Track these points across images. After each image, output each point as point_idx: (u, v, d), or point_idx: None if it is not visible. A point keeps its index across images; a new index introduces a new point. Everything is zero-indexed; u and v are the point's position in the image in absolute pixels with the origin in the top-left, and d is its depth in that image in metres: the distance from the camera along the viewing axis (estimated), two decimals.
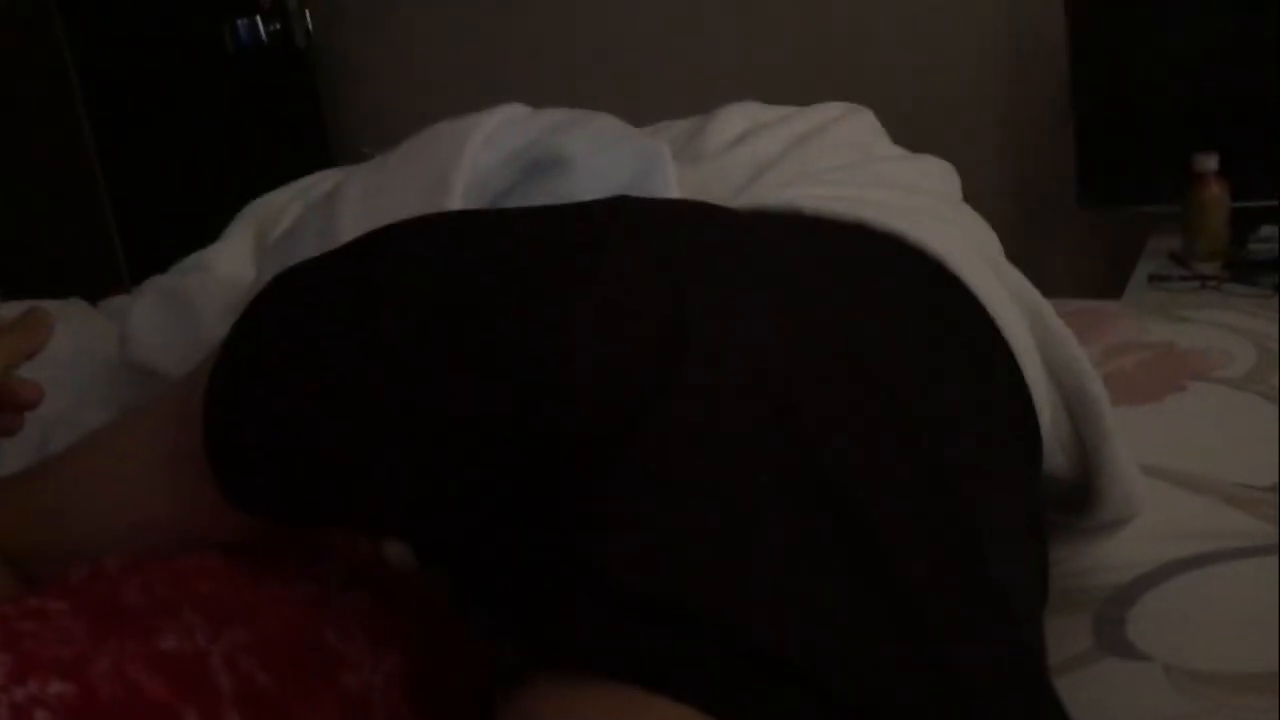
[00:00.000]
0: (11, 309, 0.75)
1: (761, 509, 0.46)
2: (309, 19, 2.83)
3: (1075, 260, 2.31)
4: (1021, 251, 0.77)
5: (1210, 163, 1.90)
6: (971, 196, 0.86)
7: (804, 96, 0.95)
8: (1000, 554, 0.53)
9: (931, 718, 0.44)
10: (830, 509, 0.46)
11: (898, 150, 0.87)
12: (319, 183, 0.96)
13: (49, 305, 1.06)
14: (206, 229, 1.03)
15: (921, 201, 0.75)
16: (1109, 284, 1.94)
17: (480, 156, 0.76)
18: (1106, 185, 2.11)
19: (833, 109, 0.88)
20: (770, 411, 0.48)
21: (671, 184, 0.76)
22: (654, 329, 0.48)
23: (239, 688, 0.48)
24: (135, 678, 0.46)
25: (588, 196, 0.57)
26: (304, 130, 2.81)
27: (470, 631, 0.62)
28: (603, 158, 0.76)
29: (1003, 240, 0.81)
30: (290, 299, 0.55)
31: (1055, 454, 0.70)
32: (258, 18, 2.75)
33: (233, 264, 0.88)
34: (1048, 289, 0.72)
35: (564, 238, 0.53)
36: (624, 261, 0.50)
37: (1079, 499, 0.73)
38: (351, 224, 0.75)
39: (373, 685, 0.53)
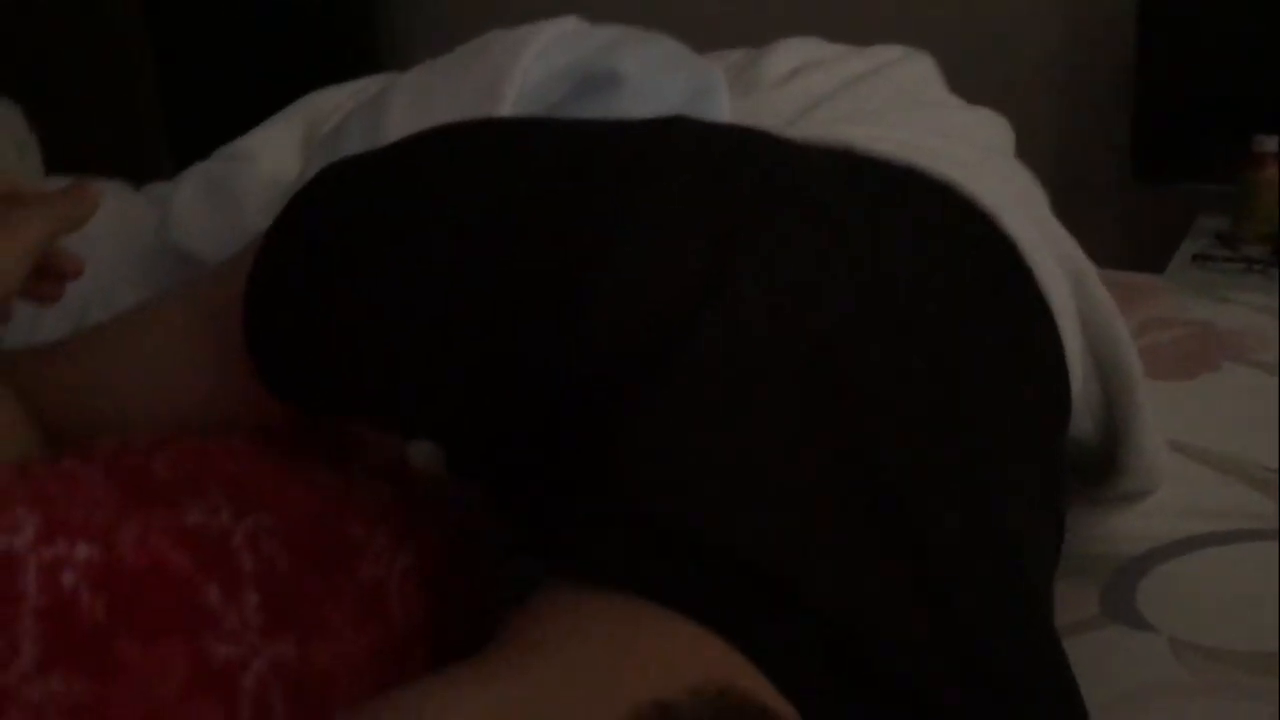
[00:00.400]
0: (58, 182, 0.75)
1: (782, 447, 0.46)
2: None
3: (1119, 232, 2.27)
4: (1066, 218, 0.76)
5: (1271, 144, 1.87)
6: (1022, 156, 0.85)
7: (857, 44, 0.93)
8: (1017, 507, 0.53)
9: (933, 650, 0.45)
10: (854, 454, 0.47)
11: (954, 99, 0.85)
12: (374, 85, 0.96)
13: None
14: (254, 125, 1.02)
15: (974, 153, 0.74)
16: (1151, 259, 1.92)
17: (533, 67, 0.75)
18: (1162, 159, 2.07)
19: (892, 51, 0.86)
20: (804, 352, 0.48)
21: (725, 111, 0.75)
22: (693, 263, 0.48)
23: (260, 568, 0.49)
24: (159, 548, 0.47)
25: (639, 116, 0.57)
26: (360, 30, 2.79)
27: (488, 538, 0.63)
28: (657, 78, 0.75)
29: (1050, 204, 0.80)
30: (334, 193, 0.55)
31: (1083, 419, 0.70)
32: None
33: (278, 156, 0.87)
34: (1089, 257, 0.72)
35: (613, 158, 0.52)
36: (670, 191, 0.50)
37: (1102, 467, 0.73)
38: (399, 125, 0.75)
39: (389, 579, 0.54)
